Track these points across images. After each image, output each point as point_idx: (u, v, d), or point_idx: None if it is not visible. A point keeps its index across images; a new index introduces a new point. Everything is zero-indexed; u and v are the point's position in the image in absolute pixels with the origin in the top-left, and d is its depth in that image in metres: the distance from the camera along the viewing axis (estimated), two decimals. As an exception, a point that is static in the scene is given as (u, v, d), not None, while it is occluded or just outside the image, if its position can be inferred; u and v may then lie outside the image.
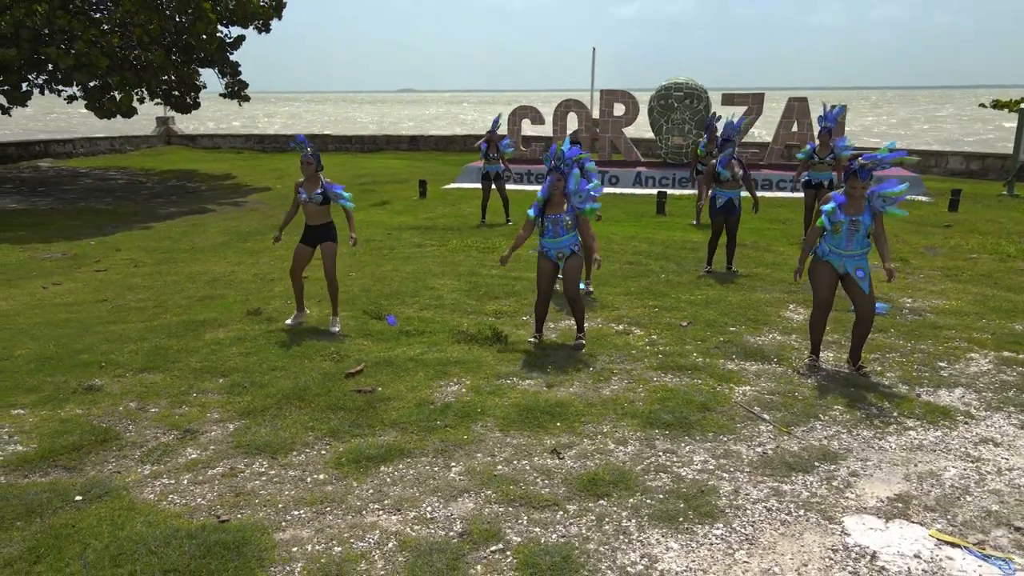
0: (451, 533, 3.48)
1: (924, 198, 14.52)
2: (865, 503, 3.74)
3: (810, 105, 16.34)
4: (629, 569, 3.21)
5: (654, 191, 14.34)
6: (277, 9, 18.92)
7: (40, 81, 16.38)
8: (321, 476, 4.04)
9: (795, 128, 16.61)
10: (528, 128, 19.34)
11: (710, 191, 8.68)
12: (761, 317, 6.88)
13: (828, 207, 5.23)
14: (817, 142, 9.92)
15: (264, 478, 4.02)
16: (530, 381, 5.34)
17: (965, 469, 4.08)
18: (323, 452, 4.32)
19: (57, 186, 18.92)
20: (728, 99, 17.43)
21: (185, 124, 31.13)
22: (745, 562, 3.27)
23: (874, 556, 3.30)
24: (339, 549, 3.36)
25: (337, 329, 6.45)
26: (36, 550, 3.32)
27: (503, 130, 13.47)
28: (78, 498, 3.78)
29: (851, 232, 5.21)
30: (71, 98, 18.68)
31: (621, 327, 6.60)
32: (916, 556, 3.29)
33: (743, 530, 3.51)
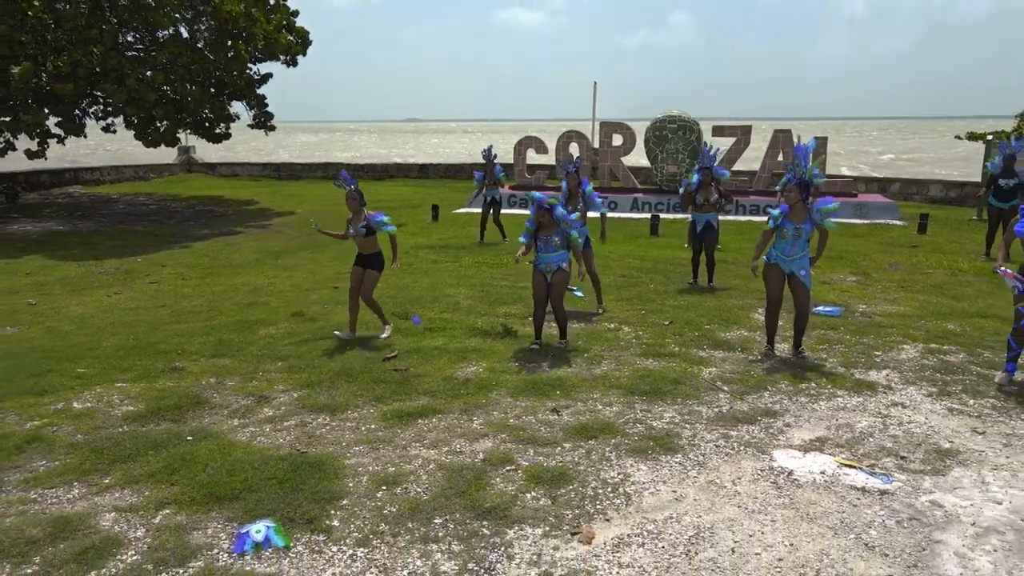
0: (476, 460, 4.62)
1: (898, 222, 15.73)
2: (791, 442, 4.88)
3: (793, 136, 17.62)
4: (608, 480, 4.35)
5: (649, 215, 15.57)
6: (303, 45, 20.40)
7: (94, 111, 17.83)
8: (372, 426, 5.19)
9: (780, 157, 17.86)
10: (532, 157, 20.65)
11: (689, 215, 9.84)
12: (732, 318, 8.04)
13: (775, 212, 6.43)
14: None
15: (328, 427, 5.18)
16: (535, 364, 6.49)
17: (874, 422, 5.21)
18: (371, 411, 5.47)
19: (93, 210, 20.25)
20: (719, 130, 18.73)
21: (204, 153, 32.61)
22: (695, 477, 4.40)
23: (791, 473, 4.43)
24: (393, 469, 4.51)
25: (386, 335, 7.29)
26: (170, 467, 4.48)
27: (508, 159, 14.80)
28: (189, 438, 4.95)
29: (795, 238, 6.38)
30: (106, 128, 20.11)
31: (613, 325, 7.76)
32: (822, 472, 4.43)
33: (696, 458, 4.65)
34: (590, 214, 8.82)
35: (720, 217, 9.88)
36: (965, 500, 4.13)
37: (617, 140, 19.06)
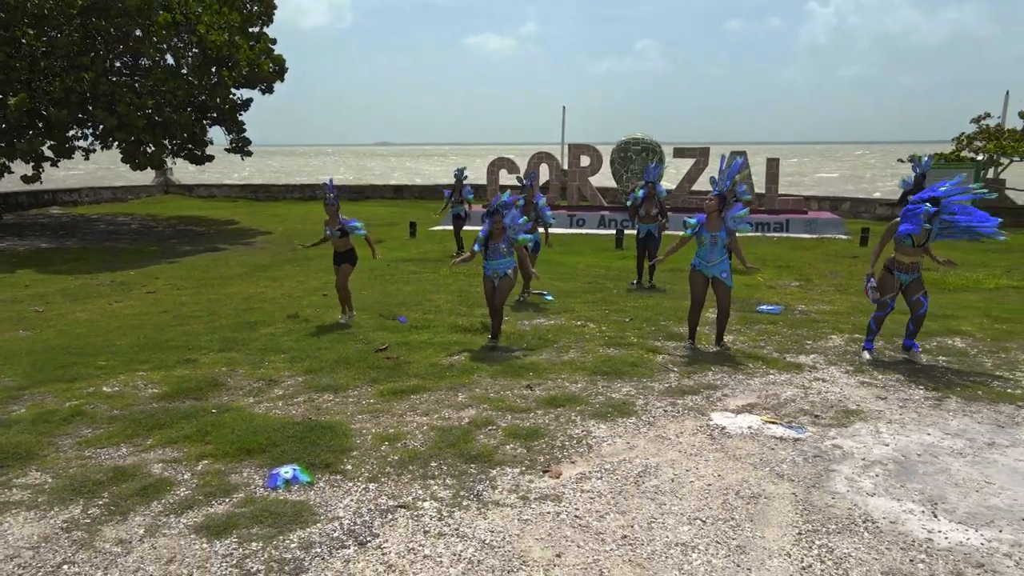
0: (462, 423, 5.48)
1: (843, 236, 16.99)
2: (727, 407, 5.82)
3: (749, 157, 18.86)
4: (573, 436, 5.24)
5: (614, 231, 16.62)
6: (280, 73, 21.27)
7: (85, 135, 18.48)
8: (371, 401, 6.02)
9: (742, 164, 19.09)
10: (505, 177, 21.67)
11: (635, 224, 11.01)
12: (685, 316, 8.98)
13: (693, 220, 7.38)
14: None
15: (333, 402, 6.00)
16: (510, 353, 7.37)
17: (797, 392, 6.18)
18: (369, 390, 6.30)
19: (76, 229, 20.76)
20: (679, 152, 19.97)
21: (181, 174, 33.13)
22: (645, 432, 5.31)
23: (724, 428, 5.36)
24: (392, 430, 5.35)
25: (344, 320, 8.53)
26: (202, 431, 5.27)
27: (482, 179, 15.95)
28: (213, 411, 5.73)
29: (712, 245, 7.32)
30: (87, 152, 20.75)
31: (580, 322, 8.68)
32: (749, 427, 5.37)
33: (647, 420, 5.56)
34: (539, 229, 10.15)
35: (667, 232, 11.10)
36: (860, 443, 5.09)
37: (585, 161, 20.18)
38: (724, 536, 3.89)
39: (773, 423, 5.46)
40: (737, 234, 7.42)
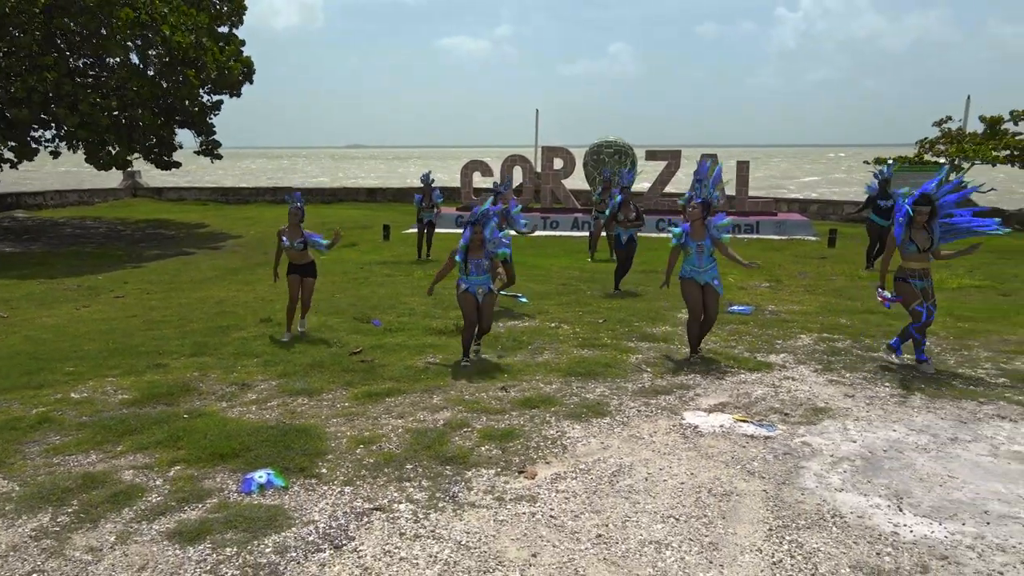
0: (438, 425, 5.49)
1: (811, 237, 17.29)
2: (699, 406, 5.90)
3: (718, 160, 19.10)
4: (548, 436, 5.28)
5: (587, 233, 16.70)
6: (248, 75, 21.07)
7: (49, 136, 18.13)
8: (346, 404, 6.00)
9: (709, 168, 19.32)
10: (478, 180, 21.69)
11: (614, 230, 11.04)
12: (659, 317, 9.11)
13: (677, 230, 7.41)
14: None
15: (307, 406, 5.96)
16: (485, 355, 7.39)
17: (767, 390, 6.29)
18: (343, 393, 6.28)
19: (41, 233, 20.36)
20: (651, 155, 20.15)
21: (150, 177, 32.61)
22: (619, 432, 5.37)
23: (696, 427, 5.44)
24: (368, 433, 5.34)
25: (302, 330, 8.18)
26: (174, 436, 5.21)
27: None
28: (185, 416, 5.67)
29: (699, 253, 7.36)
30: (55, 153, 20.36)
31: (554, 324, 8.73)
32: (721, 426, 5.45)
33: (621, 420, 5.62)
34: (512, 232, 10.08)
35: (641, 234, 11.16)
36: (828, 440, 5.19)
37: (558, 164, 20.28)
38: (697, 533, 3.95)
39: (744, 421, 5.54)
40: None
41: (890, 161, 15.39)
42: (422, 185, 14.83)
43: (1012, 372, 6.81)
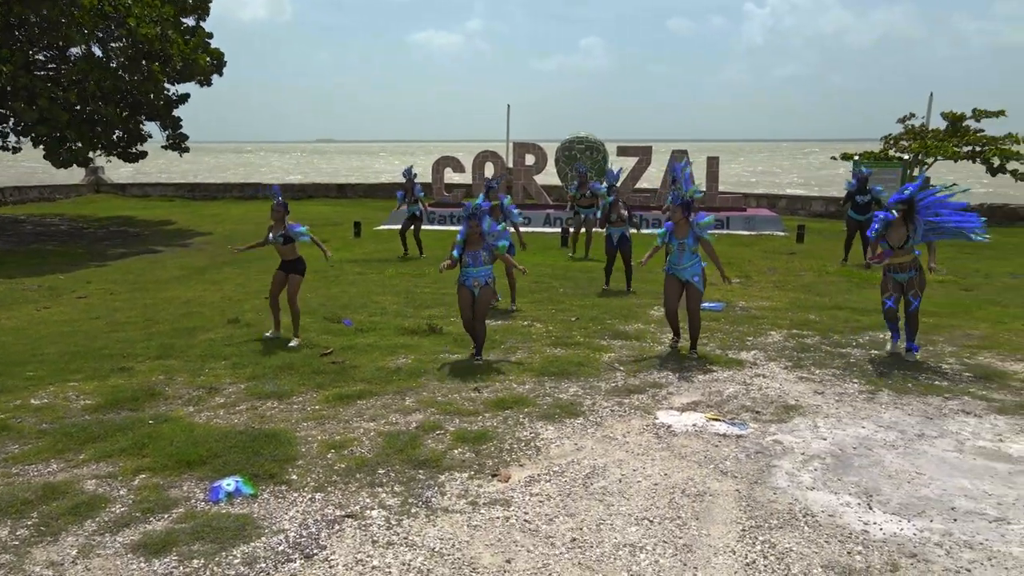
0: (410, 428, 5.43)
1: (780, 233, 17.48)
2: (672, 405, 5.92)
3: (690, 156, 19.22)
4: (522, 438, 5.25)
5: (560, 229, 16.70)
6: (218, 67, 20.69)
7: (4, 131, 17.60)
8: (317, 407, 5.91)
9: (686, 165, 19.44)
10: (450, 176, 21.57)
11: (605, 229, 10.94)
12: (631, 314, 9.13)
13: (661, 231, 7.48)
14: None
15: (276, 409, 5.86)
16: (458, 355, 7.34)
17: (739, 388, 6.33)
18: (314, 396, 6.18)
19: (0, 231, 19.80)
20: (623, 150, 20.20)
21: (113, 173, 31.90)
22: (593, 433, 5.36)
23: (670, 427, 5.45)
24: (339, 437, 5.26)
25: (294, 344, 7.75)
26: (139, 443, 5.08)
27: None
28: (151, 422, 5.54)
29: (680, 251, 7.40)
30: (15, 150, 19.81)
31: (527, 323, 8.70)
32: (694, 425, 5.47)
33: (595, 420, 5.61)
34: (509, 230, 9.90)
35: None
36: (799, 438, 5.24)
37: (530, 160, 20.24)
38: (671, 535, 3.95)
39: (717, 420, 5.57)
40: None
41: (857, 159, 15.57)
42: (404, 180, 14.69)
43: (975, 367, 6.94)
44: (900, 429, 5.43)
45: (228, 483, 4.46)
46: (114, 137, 18.66)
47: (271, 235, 8.03)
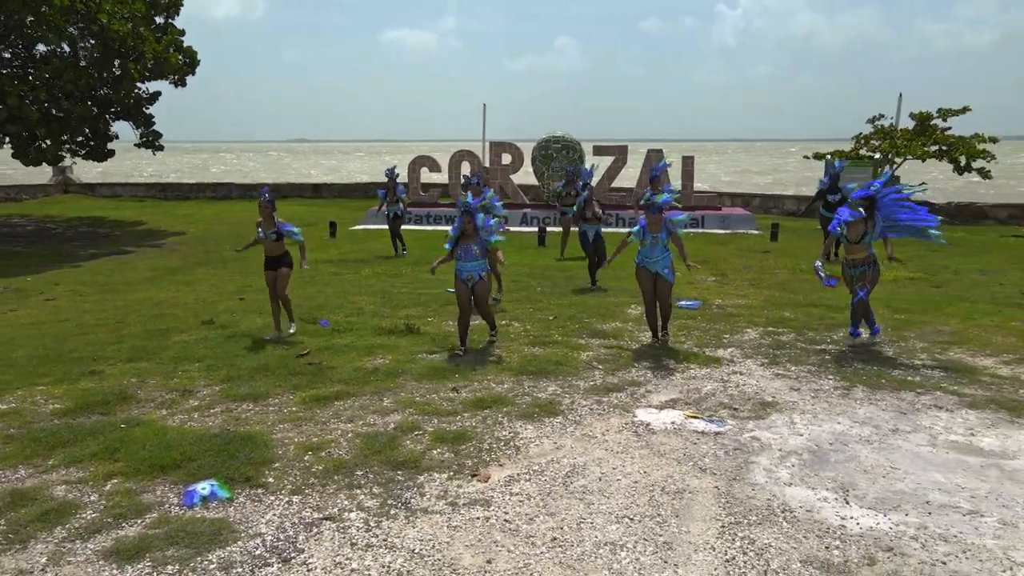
0: (388, 429, 5.38)
1: (754, 231, 17.66)
2: (651, 403, 5.93)
3: (665, 155, 19.33)
4: (501, 438, 5.23)
5: (536, 228, 16.72)
6: (192, 65, 20.40)
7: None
8: (293, 408, 5.84)
9: (667, 166, 19.54)
10: (426, 175, 21.47)
11: (580, 227, 11.07)
12: (609, 313, 9.15)
13: (636, 228, 7.60)
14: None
15: (253, 412, 5.78)
16: (435, 355, 7.30)
17: (717, 386, 6.37)
18: (291, 397, 6.11)
19: (-36, 232, 19.33)
20: (599, 150, 20.26)
21: (82, 172, 31.30)
22: (572, 432, 5.35)
23: (648, 424, 5.47)
24: (316, 439, 5.20)
25: (292, 331, 8.07)
26: (110, 448, 4.98)
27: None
28: (122, 426, 5.43)
29: (653, 245, 7.54)
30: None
31: (505, 321, 8.67)
32: (672, 423, 5.49)
33: (574, 419, 5.60)
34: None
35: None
36: (776, 435, 5.28)
37: (506, 159, 20.21)
38: (651, 533, 3.96)
39: (695, 418, 5.60)
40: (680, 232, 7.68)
41: (830, 158, 15.75)
42: (386, 180, 14.81)
43: (947, 362, 7.06)
44: (875, 424, 5.50)
45: (203, 487, 4.38)
46: (82, 136, 18.29)
47: (261, 232, 8.08)
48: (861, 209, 7.31)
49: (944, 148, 21.57)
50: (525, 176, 21.82)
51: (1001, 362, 7.08)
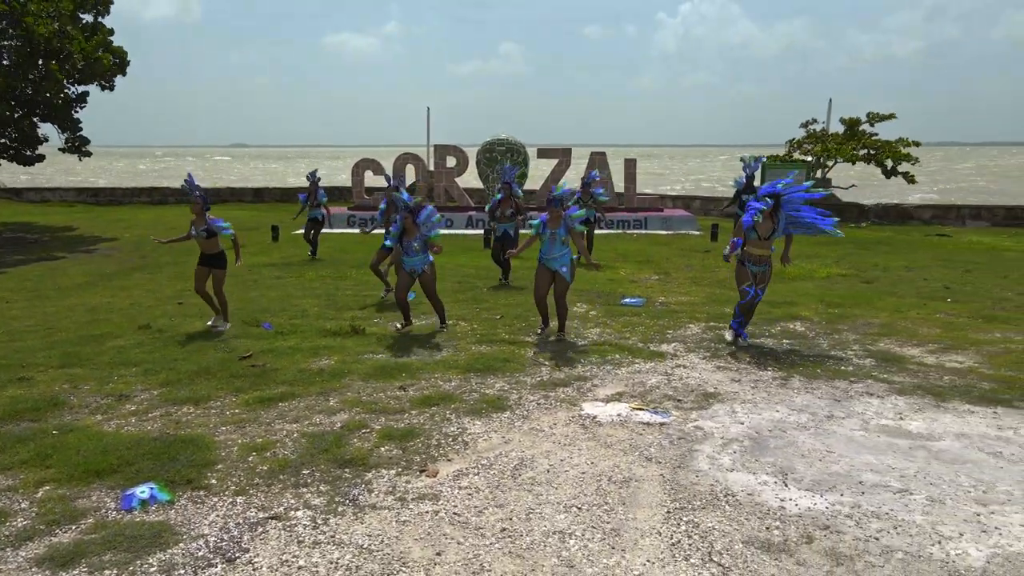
0: (335, 428, 5.32)
1: (695, 232, 18.08)
2: (597, 397, 6.02)
3: (608, 159, 19.64)
4: (449, 433, 5.23)
5: (482, 231, 16.76)
6: (121, 67, 19.76)
7: None
8: (236, 411, 5.71)
9: (597, 177, 19.81)
10: (370, 179, 21.29)
11: (492, 224, 11.31)
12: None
13: (536, 222, 7.78)
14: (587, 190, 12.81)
15: (193, 415, 5.63)
16: (382, 355, 7.24)
17: (661, 379, 6.50)
18: (233, 400, 5.97)
19: None
20: (543, 152, 20.44)
21: (7, 176, 29.93)
22: (520, 426, 5.39)
23: (595, 417, 5.54)
24: (260, 440, 5.10)
25: (221, 328, 8.04)
26: (41, 455, 4.78)
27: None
28: (55, 432, 5.22)
29: (552, 241, 7.68)
30: None
31: (451, 321, 8.66)
32: (618, 415, 5.58)
33: (521, 413, 5.64)
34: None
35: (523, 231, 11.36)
36: (718, 424, 5.43)
37: (451, 162, 20.21)
38: (599, 520, 4.02)
39: (640, 409, 5.70)
40: (585, 230, 7.89)
41: (755, 159, 16.21)
42: (308, 184, 14.72)
43: (876, 353, 7.36)
44: (811, 411, 5.70)
45: (142, 490, 4.25)
46: (5, 139, 17.51)
47: (194, 230, 8.08)
48: (769, 199, 7.37)
49: (872, 152, 22.49)
50: (470, 180, 21.85)
51: (927, 351, 7.43)
